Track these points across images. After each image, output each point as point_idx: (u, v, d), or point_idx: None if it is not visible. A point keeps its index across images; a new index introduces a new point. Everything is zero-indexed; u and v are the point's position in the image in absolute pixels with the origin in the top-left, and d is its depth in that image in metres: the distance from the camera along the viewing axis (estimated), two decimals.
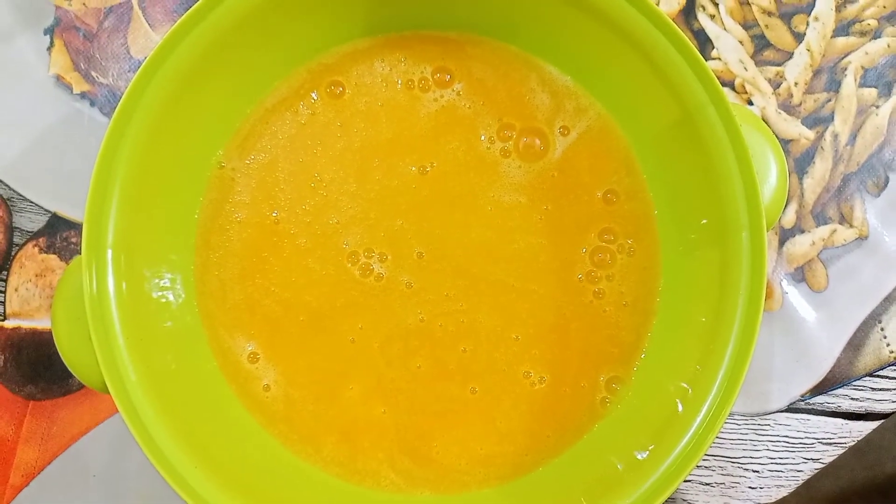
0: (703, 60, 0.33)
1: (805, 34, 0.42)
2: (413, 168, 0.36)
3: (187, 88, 0.33)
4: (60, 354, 0.32)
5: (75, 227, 0.41)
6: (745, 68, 0.42)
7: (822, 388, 0.41)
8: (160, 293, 0.34)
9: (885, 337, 0.41)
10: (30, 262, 0.41)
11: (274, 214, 0.36)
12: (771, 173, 0.34)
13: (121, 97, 0.41)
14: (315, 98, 0.37)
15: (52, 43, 0.42)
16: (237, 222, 0.36)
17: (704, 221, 0.34)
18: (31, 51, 0.42)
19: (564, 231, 0.36)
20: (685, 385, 0.33)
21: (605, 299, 0.36)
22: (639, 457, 0.32)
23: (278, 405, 0.35)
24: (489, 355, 0.36)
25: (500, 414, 0.35)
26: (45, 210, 0.41)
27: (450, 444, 0.35)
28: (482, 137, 0.37)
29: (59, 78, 0.42)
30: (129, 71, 0.42)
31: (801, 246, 0.42)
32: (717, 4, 0.43)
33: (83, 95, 0.42)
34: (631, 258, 0.36)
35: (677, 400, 0.33)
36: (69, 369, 0.32)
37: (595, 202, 0.36)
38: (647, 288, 0.36)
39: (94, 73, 0.42)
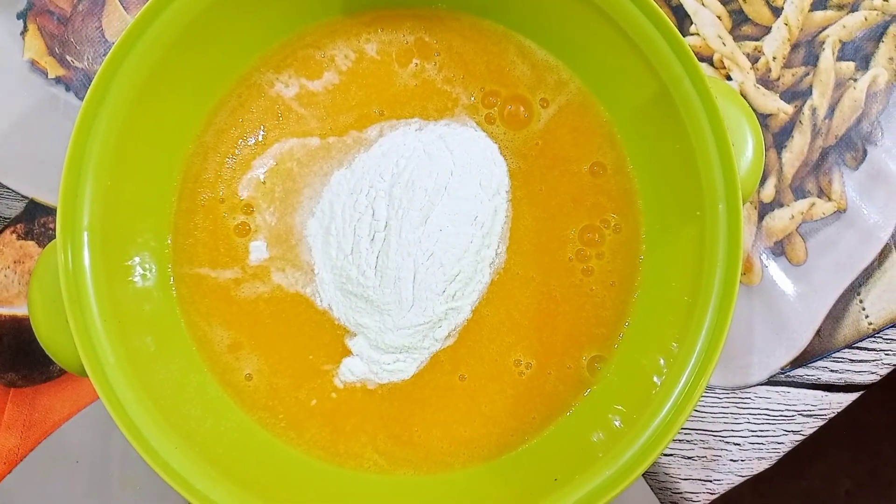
0: (679, 34, 0.33)
1: (783, 8, 0.43)
2: None
3: (160, 68, 0.33)
4: (38, 338, 0.32)
5: (53, 212, 0.41)
6: (724, 43, 0.42)
7: (801, 360, 0.41)
8: (137, 276, 0.34)
9: (863, 309, 0.41)
10: (8, 248, 0.41)
11: (245, 195, 0.36)
12: (747, 146, 0.34)
13: None
14: (291, 73, 0.37)
15: (25, 27, 0.41)
16: (201, 206, 0.36)
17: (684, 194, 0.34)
18: (5, 36, 0.41)
19: (555, 210, 0.36)
20: (664, 359, 0.33)
21: (594, 277, 0.36)
22: (619, 430, 0.33)
23: (260, 393, 0.35)
24: (481, 344, 0.35)
25: (485, 399, 0.35)
26: (23, 196, 0.41)
27: (431, 428, 0.35)
28: (467, 103, 0.36)
29: (33, 63, 0.41)
30: (104, 55, 0.41)
31: (780, 220, 0.42)
32: None
33: (58, 80, 0.41)
34: (618, 235, 0.36)
35: (656, 374, 0.33)
36: (47, 353, 0.32)
37: (583, 175, 0.36)
38: (631, 265, 0.36)
39: (68, 58, 0.41)
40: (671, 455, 0.41)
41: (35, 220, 0.41)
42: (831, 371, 0.41)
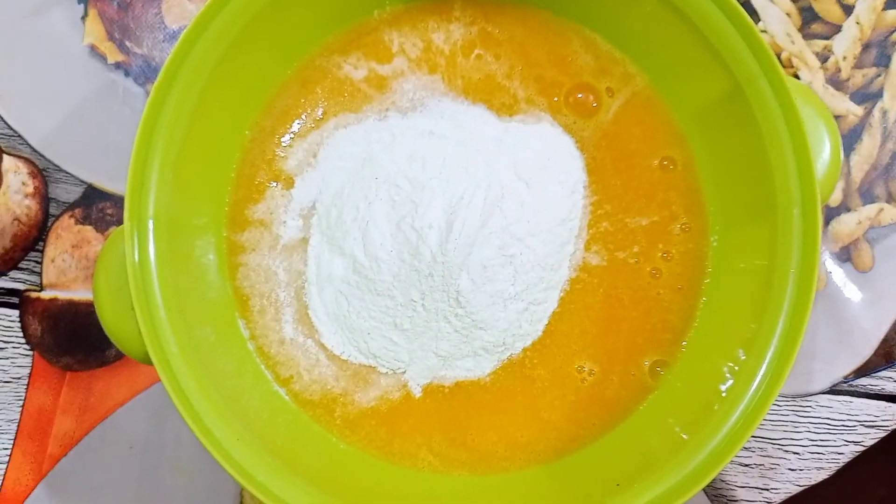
0: (757, 31, 0.32)
1: (854, 7, 0.41)
2: None
3: (225, 57, 0.32)
4: (102, 324, 0.32)
5: (111, 198, 0.41)
6: (793, 41, 0.41)
7: (865, 369, 0.40)
8: (199, 265, 0.34)
9: None
10: (66, 233, 0.41)
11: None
12: (824, 148, 0.33)
13: (155, 67, 0.41)
14: (355, 60, 0.36)
15: (86, 12, 0.41)
16: (256, 189, 0.35)
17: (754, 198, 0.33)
18: (65, 21, 0.41)
19: (627, 204, 0.35)
20: (730, 368, 0.32)
21: (661, 280, 0.35)
22: (683, 437, 0.32)
23: (314, 389, 0.35)
24: (549, 349, 0.35)
25: (544, 405, 0.35)
26: (81, 181, 0.41)
27: (487, 431, 0.35)
28: (533, 94, 0.36)
29: (93, 48, 0.41)
30: (163, 41, 0.41)
31: (846, 225, 0.41)
32: None
33: (117, 66, 0.41)
34: (686, 234, 0.35)
35: (721, 382, 0.32)
36: (111, 339, 0.32)
37: (653, 170, 0.35)
38: (699, 268, 0.35)
39: (128, 43, 0.41)
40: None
41: (93, 205, 0.41)
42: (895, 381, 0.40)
